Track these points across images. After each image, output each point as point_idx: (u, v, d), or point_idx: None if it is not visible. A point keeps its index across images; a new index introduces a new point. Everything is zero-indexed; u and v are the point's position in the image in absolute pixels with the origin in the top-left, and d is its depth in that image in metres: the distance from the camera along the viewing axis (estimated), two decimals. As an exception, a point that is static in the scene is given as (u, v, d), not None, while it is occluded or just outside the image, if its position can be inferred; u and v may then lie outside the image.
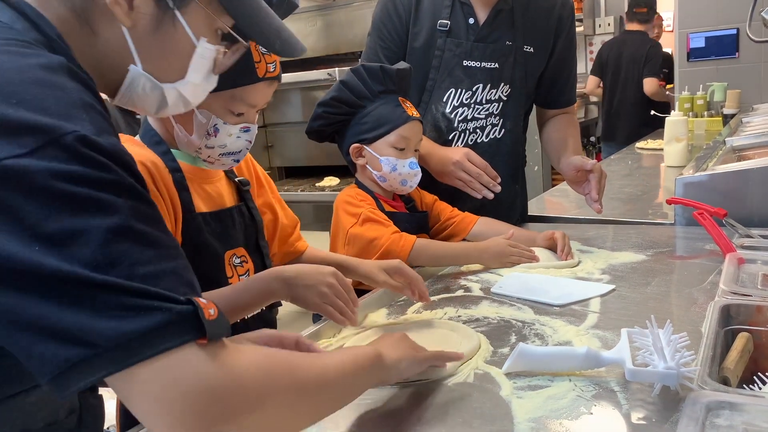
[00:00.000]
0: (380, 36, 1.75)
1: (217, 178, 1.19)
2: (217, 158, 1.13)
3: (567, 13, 1.82)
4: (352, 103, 1.53)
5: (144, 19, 0.73)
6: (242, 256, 1.17)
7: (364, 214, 1.50)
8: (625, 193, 2.43)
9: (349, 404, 0.78)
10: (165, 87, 0.78)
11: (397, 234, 1.48)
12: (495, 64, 1.75)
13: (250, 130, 1.13)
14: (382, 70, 1.52)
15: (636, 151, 3.64)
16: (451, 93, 1.76)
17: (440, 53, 1.73)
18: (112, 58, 0.74)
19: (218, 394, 0.58)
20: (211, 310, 0.58)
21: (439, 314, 1.26)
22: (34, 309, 0.53)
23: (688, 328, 1.06)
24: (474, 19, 1.72)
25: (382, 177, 1.56)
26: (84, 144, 0.55)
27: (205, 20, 0.78)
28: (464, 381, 0.96)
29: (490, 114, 1.79)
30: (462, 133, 1.79)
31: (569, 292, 1.30)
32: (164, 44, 0.76)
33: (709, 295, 1.20)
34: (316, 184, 3.67)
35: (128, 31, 0.72)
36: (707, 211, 1.54)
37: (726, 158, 2.25)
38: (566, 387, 0.90)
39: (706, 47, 4.69)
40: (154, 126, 1.14)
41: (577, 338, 1.07)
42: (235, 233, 1.16)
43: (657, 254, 1.54)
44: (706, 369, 0.88)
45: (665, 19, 6.11)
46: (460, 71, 1.74)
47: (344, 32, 3.78)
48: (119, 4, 0.70)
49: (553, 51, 1.82)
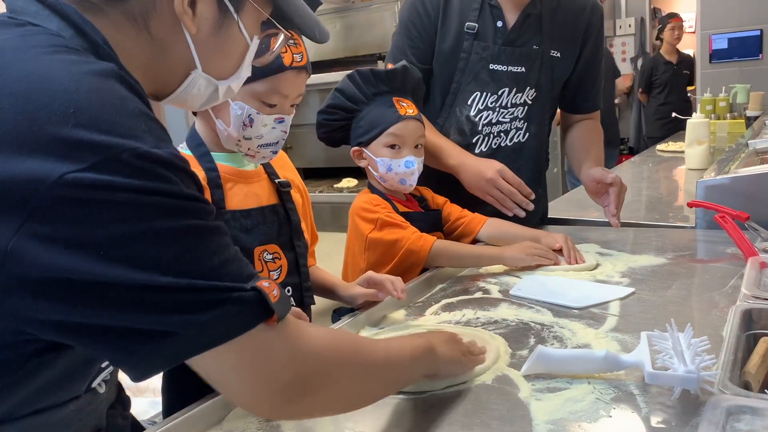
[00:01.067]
0: (408, 35, 1.75)
1: (257, 179, 1.26)
2: (256, 150, 1.20)
3: (596, 18, 1.80)
4: (348, 109, 1.56)
5: (206, 24, 0.75)
6: (275, 252, 1.23)
7: (381, 218, 1.52)
8: (645, 195, 2.42)
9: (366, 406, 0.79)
10: (219, 84, 0.81)
11: (416, 234, 1.49)
12: (521, 68, 1.74)
13: (285, 121, 1.20)
14: (372, 72, 1.54)
15: (657, 153, 3.61)
16: (476, 96, 1.76)
17: (466, 56, 1.72)
18: (172, 62, 0.76)
19: (297, 369, 0.65)
20: (274, 291, 0.63)
21: (458, 316, 1.26)
22: (107, 320, 0.56)
23: (709, 332, 1.05)
24: (502, 23, 1.71)
25: (381, 177, 1.58)
26: (142, 159, 0.57)
27: (255, 17, 0.80)
28: (483, 383, 0.96)
29: (514, 118, 1.79)
30: (486, 137, 1.79)
31: (588, 294, 1.29)
32: (222, 45, 0.79)
33: (730, 299, 1.19)
34: (335, 186, 3.69)
35: (191, 37, 0.75)
36: (729, 215, 1.53)
37: (748, 161, 2.23)
38: (585, 389, 0.90)
39: (728, 48, 4.65)
40: (199, 130, 1.23)
41: (596, 341, 1.06)
42: (268, 230, 1.22)
43: (678, 257, 1.53)
44: (727, 373, 0.87)
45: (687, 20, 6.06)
46: (486, 74, 1.73)
47: (363, 34, 3.79)
48: (186, 12, 0.72)
49: (580, 56, 1.80)
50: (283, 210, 1.26)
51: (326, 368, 0.68)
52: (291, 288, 1.24)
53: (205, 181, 1.16)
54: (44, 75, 0.58)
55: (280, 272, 1.22)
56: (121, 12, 0.70)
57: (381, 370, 0.76)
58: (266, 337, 0.62)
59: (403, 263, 1.48)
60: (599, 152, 1.84)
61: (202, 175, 1.17)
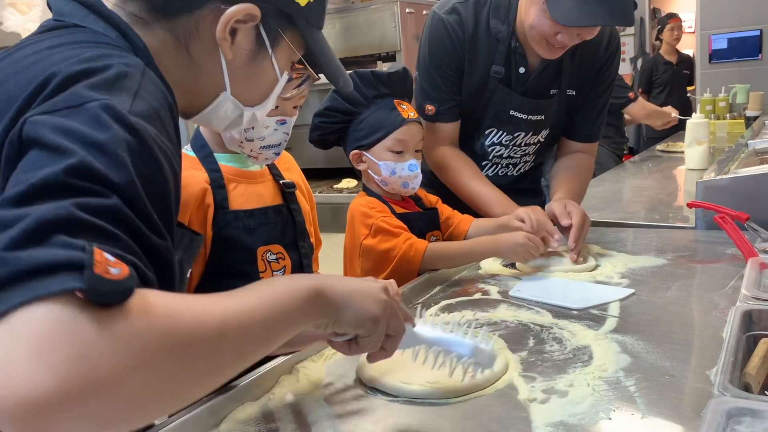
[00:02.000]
0: (441, 75, 1.71)
1: (261, 180, 1.27)
2: (258, 152, 1.21)
3: (613, 48, 1.77)
4: (347, 111, 1.55)
5: (242, 53, 0.81)
6: (278, 253, 1.24)
7: (376, 224, 1.51)
8: (645, 196, 2.41)
9: (364, 404, 0.78)
10: (245, 109, 0.86)
11: (408, 243, 1.48)
12: (541, 116, 1.76)
13: (287, 123, 1.22)
14: (373, 74, 1.53)
15: (657, 153, 3.60)
16: (493, 132, 1.78)
17: (490, 95, 1.72)
18: (205, 82, 0.82)
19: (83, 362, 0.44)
20: (113, 269, 0.47)
21: (457, 317, 1.25)
22: None
23: (709, 333, 1.05)
24: (524, 68, 1.70)
25: (383, 181, 1.57)
26: (107, 111, 0.57)
27: (288, 55, 0.86)
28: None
29: (525, 154, 1.84)
30: (495, 165, 1.84)
31: (588, 295, 1.29)
32: (254, 75, 0.84)
33: (730, 300, 1.18)
34: (334, 186, 3.68)
35: (226, 62, 0.80)
36: (729, 215, 1.52)
37: (748, 161, 2.22)
38: (585, 392, 0.89)
39: (728, 48, 4.65)
40: (203, 132, 1.25)
41: (595, 342, 1.06)
42: (271, 230, 1.23)
43: (677, 258, 1.52)
44: (727, 375, 0.87)
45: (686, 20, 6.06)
46: (505, 117, 1.74)
47: (363, 35, 3.79)
48: (226, 40, 0.78)
49: (591, 84, 1.79)
50: (287, 211, 1.27)
51: (109, 371, 0.45)
52: None
53: (208, 183, 1.17)
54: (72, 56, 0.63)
55: (284, 273, 1.23)
56: (167, 29, 0.77)
57: (215, 342, 0.54)
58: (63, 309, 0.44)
59: (397, 272, 1.48)
60: (578, 188, 1.81)
61: (205, 177, 1.18)
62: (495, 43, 1.68)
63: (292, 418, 0.89)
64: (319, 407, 0.92)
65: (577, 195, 1.78)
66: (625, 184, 2.74)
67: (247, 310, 0.60)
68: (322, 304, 0.70)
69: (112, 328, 0.46)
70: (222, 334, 0.55)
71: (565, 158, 1.87)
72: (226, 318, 0.57)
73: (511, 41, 1.67)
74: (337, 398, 0.95)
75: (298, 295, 0.67)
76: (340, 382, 0.99)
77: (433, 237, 1.66)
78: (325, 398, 0.95)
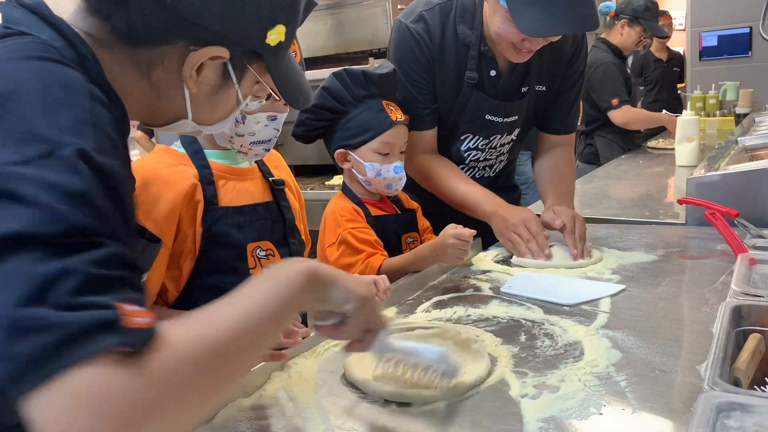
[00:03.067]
0: (413, 84, 1.69)
1: (251, 177, 1.26)
2: (249, 147, 1.21)
3: (578, 40, 1.77)
4: (335, 110, 1.55)
5: (206, 87, 0.80)
6: (268, 249, 1.24)
7: (342, 235, 1.52)
8: (636, 192, 2.42)
9: (356, 400, 0.78)
10: (204, 129, 0.87)
11: (365, 263, 1.49)
12: (515, 117, 1.76)
13: (277, 119, 1.21)
14: (364, 74, 1.53)
15: (647, 150, 3.62)
16: (469, 137, 1.78)
17: (465, 101, 1.71)
18: (165, 106, 0.81)
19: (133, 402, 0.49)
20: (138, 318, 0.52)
21: (449, 313, 1.26)
22: None
23: (699, 329, 1.06)
24: (495, 71, 1.69)
25: (368, 181, 1.58)
26: (81, 157, 0.57)
27: (252, 81, 0.85)
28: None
29: (501, 154, 1.86)
30: (471, 169, 1.85)
31: (579, 291, 1.30)
32: (217, 104, 0.84)
33: (720, 295, 1.19)
34: (326, 183, 3.68)
35: (189, 94, 0.80)
36: (719, 211, 1.53)
37: (738, 158, 2.24)
38: (576, 387, 0.90)
39: (718, 46, 4.67)
40: None
41: (586, 338, 1.07)
42: (261, 227, 1.23)
43: (668, 254, 1.53)
44: (717, 370, 0.88)
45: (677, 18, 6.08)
46: (481, 122, 1.74)
47: (355, 31, 3.78)
48: (192, 77, 0.77)
49: (561, 79, 1.79)
50: (276, 207, 1.26)
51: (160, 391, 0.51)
52: None
53: (198, 179, 1.17)
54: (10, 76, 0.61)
55: None
56: (128, 54, 0.75)
57: (235, 351, 0.59)
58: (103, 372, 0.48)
59: None
60: (567, 186, 1.83)
61: (194, 173, 1.18)
62: (464, 49, 1.67)
63: (283, 414, 0.89)
64: (311, 403, 0.92)
65: (566, 195, 1.79)
66: (616, 180, 2.75)
67: (255, 311, 0.64)
68: (315, 284, 0.73)
69: (146, 371, 0.51)
70: (238, 343, 0.60)
71: (546, 157, 1.88)
72: (239, 327, 0.61)
73: (480, 46, 1.66)
74: (329, 395, 0.95)
75: (297, 280, 0.70)
76: (332, 379, 0.99)
77: (410, 238, 1.67)
78: (317, 394, 0.95)
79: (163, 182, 1.14)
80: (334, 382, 0.98)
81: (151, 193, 1.11)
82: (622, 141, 3.67)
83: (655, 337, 1.05)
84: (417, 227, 1.70)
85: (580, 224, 1.60)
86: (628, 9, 3.55)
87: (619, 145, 3.66)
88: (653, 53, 5.20)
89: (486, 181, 1.84)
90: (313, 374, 1.01)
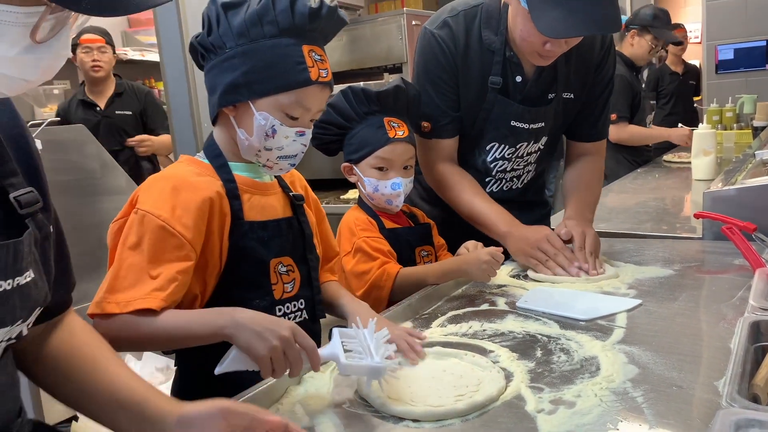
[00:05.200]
0: (437, 90, 1.69)
1: (272, 192, 1.26)
2: (275, 161, 1.20)
3: (606, 46, 1.76)
4: (341, 125, 1.58)
5: None
6: (288, 265, 1.23)
7: (357, 243, 1.53)
8: (652, 206, 2.41)
9: (371, 415, 0.78)
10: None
11: (381, 269, 1.50)
12: (541, 123, 1.75)
13: (305, 135, 1.21)
14: (363, 92, 1.55)
15: (663, 164, 3.60)
16: (494, 146, 1.76)
17: (489, 107, 1.71)
18: None
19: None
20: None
21: (464, 328, 1.26)
22: None
23: (717, 345, 1.05)
24: (521, 77, 1.69)
25: (369, 196, 1.60)
26: None
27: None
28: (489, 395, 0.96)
29: (528, 164, 1.83)
30: (499, 181, 1.83)
31: (595, 306, 1.29)
32: None
33: (738, 310, 1.18)
34: (341, 197, 3.69)
35: None
36: (736, 226, 1.52)
37: (755, 171, 2.22)
38: (593, 402, 0.90)
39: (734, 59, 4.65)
40: (217, 139, 1.23)
41: (603, 353, 1.06)
42: (283, 243, 1.22)
43: (685, 269, 1.52)
44: (735, 386, 0.87)
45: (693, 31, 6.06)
46: (506, 129, 1.73)
47: (370, 47, 3.81)
48: None
49: (589, 86, 1.78)
50: (297, 223, 1.27)
51: None
52: (304, 301, 1.24)
53: (223, 191, 1.16)
54: None
55: (294, 285, 1.23)
56: None
57: None
58: None
59: (369, 295, 1.49)
60: (590, 196, 1.81)
61: (219, 184, 1.17)
62: (489, 54, 1.67)
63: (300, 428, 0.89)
64: (327, 418, 0.92)
65: (587, 205, 1.78)
66: (632, 194, 2.73)
67: None
68: None
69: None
70: None
71: (573, 167, 1.87)
72: None
73: (506, 51, 1.66)
74: (345, 410, 0.95)
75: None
76: (348, 394, 1.00)
77: (424, 252, 1.67)
78: (333, 409, 0.95)
79: (192, 188, 1.12)
80: (350, 398, 0.99)
81: (181, 199, 1.10)
82: (631, 156, 3.66)
83: (672, 352, 1.04)
84: (432, 241, 1.70)
85: (591, 239, 1.59)
86: (636, 19, 3.58)
87: (628, 160, 3.65)
88: (669, 66, 5.19)
89: (514, 193, 1.83)
90: (329, 389, 1.02)
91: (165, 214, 1.07)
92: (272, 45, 1.12)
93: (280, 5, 1.11)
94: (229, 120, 1.19)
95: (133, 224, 1.07)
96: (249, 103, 1.15)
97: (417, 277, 1.51)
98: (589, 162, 1.86)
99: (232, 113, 1.18)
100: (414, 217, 1.72)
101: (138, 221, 1.07)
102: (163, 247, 1.06)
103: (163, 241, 1.06)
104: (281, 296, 1.20)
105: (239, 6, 1.13)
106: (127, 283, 1.03)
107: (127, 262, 1.05)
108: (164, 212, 1.07)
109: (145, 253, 1.05)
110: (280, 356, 0.93)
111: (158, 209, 1.07)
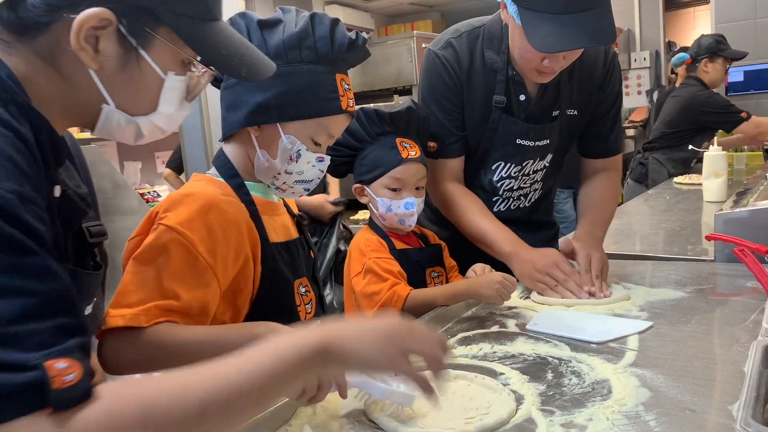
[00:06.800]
0: (442, 109, 1.71)
1: (281, 212, 1.25)
2: (291, 185, 1.19)
3: (609, 62, 1.76)
4: (352, 146, 1.59)
5: (110, 60, 0.75)
6: (306, 286, 1.23)
7: (368, 264, 1.54)
8: (663, 228, 2.40)
9: None
10: (138, 120, 0.81)
11: (391, 291, 1.50)
12: (546, 140, 1.76)
13: (324, 161, 1.21)
14: (376, 113, 1.56)
15: (674, 186, 3.59)
16: (500, 165, 1.77)
17: (494, 126, 1.72)
18: (84, 97, 0.77)
19: None
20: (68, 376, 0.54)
21: (474, 350, 1.25)
22: None
23: (730, 368, 1.04)
24: (525, 95, 1.70)
25: (382, 216, 1.60)
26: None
27: (171, 53, 0.80)
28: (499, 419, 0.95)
29: (534, 182, 1.83)
30: (506, 200, 1.83)
31: (606, 329, 1.28)
32: (133, 81, 0.78)
33: (751, 334, 1.17)
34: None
35: (96, 73, 0.75)
36: (748, 248, 1.51)
37: (767, 193, 2.21)
38: (604, 426, 0.89)
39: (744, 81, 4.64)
40: (230, 157, 1.20)
41: (614, 376, 1.05)
42: (300, 264, 1.22)
43: (697, 291, 1.51)
44: (750, 410, 0.86)
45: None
46: (512, 148, 1.74)
47: (379, 69, 3.85)
48: (85, 50, 0.73)
49: (595, 103, 1.78)
50: (305, 243, 1.27)
51: None
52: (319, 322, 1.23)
53: (248, 215, 1.13)
54: None
55: (311, 306, 1.22)
56: (30, 49, 0.73)
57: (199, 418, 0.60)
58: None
59: None
60: (604, 213, 1.81)
61: (243, 208, 1.14)
62: (492, 74, 1.69)
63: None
64: (337, 439, 0.92)
65: (599, 223, 1.78)
66: (644, 216, 2.72)
67: (235, 382, 0.64)
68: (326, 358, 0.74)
69: (78, 426, 0.53)
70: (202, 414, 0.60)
71: (587, 184, 1.88)
72: (208, 398, 0.61)
73: (508, 70, 1.68)
74: (354, 431, 0.95)
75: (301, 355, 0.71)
76: (358, 415, 0.99)
77: (434, 273, 1.67)
78: (343, 430, 0.95)
79: (221, 213, 1.08)
80: (360, 419, 0.98)
81: (208, 221, 1.05)
82: (672, 166, 3.75)
83: (685, 375, 1.03)
84: (443, 262, 1.70)
85: (597, 261, 1.59)
86: (702, 49, 3.85)
87: (668, 170, 3.73)
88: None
89: (522, 212, 1.84)
90: (338, 410, 1.01)
91: (194, 236, 1.02)
92: (308, 70, 1.12)
93: (320, 32, 1.11)
94: (248, 139, 1.17)
95: (156, 238, 1.03)
96: (277, 125, 1.14)
97: (427, 299, 1.50)
98: (603, 178, 1.86)
99: (255, 133, 1.16)
100: (425, 237, 1.72)
101: (162, 235, 1.02)
102: (183, 267, 1.01)
103: (184, 262, 1.02)
104: (305, 318, 1.19)
105: (276, 26, 1.12)
106: (135, 298, 0.99)
107: (140, 277, 1.01)
108: (194, 235, 1.02)
109: (162, 269, 1.00)
110: (312, 380, 0.91)
111: (187, 229, 1.03)
